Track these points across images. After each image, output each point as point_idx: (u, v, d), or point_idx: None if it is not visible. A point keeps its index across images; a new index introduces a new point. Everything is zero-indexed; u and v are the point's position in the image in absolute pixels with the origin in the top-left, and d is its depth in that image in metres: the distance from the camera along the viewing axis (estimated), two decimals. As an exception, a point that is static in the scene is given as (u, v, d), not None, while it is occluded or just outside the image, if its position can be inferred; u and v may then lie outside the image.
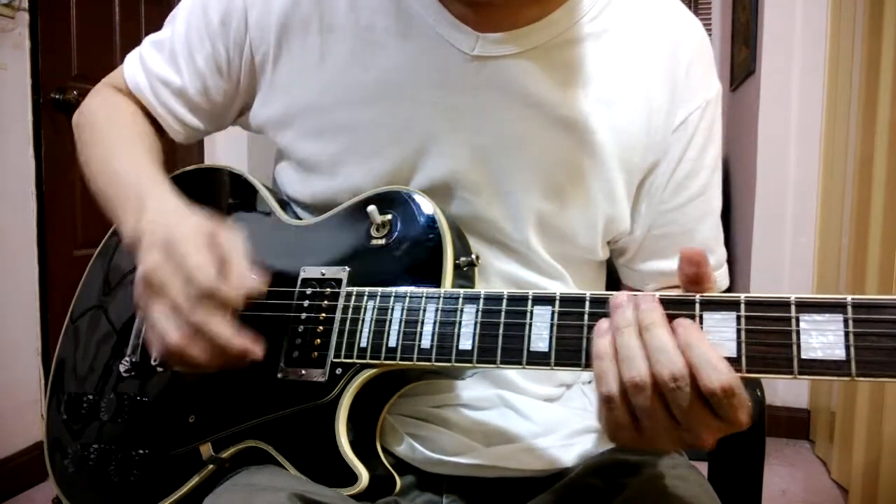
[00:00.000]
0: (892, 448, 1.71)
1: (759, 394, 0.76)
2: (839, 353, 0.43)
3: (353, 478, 0.58)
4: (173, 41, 0.74)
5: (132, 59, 0.77)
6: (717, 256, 0.74)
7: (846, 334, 0.43)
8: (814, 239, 2.33)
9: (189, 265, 0.55)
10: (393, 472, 0.63)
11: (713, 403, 0.44)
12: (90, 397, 0.72)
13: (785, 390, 2.40)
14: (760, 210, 2.42)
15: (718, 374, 0.44)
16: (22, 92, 1.95)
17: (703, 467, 0.72)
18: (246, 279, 0.56)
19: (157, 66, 0.75)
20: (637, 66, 0.66)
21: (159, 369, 0.69)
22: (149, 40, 0.76)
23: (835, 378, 0.43)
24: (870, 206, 1.83)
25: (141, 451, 0.67)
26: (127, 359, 0.71)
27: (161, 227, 0.58)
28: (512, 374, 0.69)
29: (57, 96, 2.04)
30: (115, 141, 0.73)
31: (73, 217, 2.13)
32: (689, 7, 0.73)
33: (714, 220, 0.72)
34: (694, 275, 0.48)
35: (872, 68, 1.86)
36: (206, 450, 0.63)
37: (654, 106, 0.67)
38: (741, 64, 2.72)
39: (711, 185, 0.71)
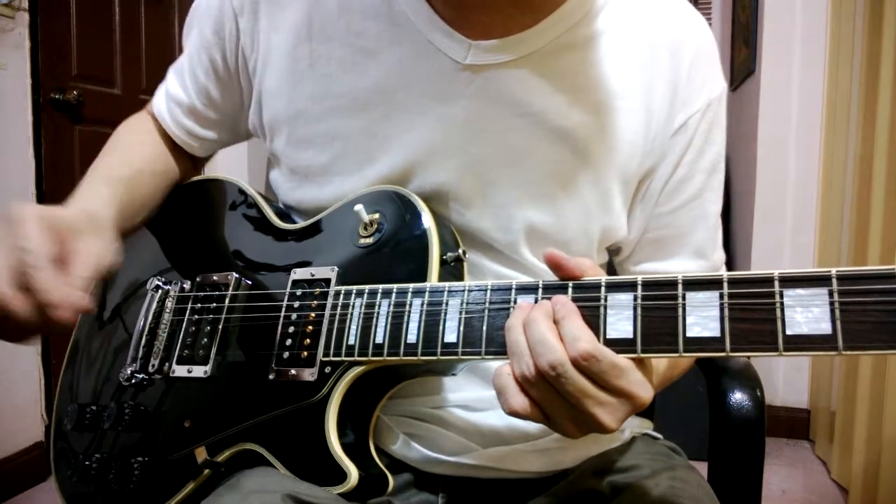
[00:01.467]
0: (892, 448, 1.70)
1: (758, 394, 0.76)
2: (825, 328, 0.42)
3: (342, 476, 0.58)
4: (182, 61, 0.77)
5: (161, 85, 0.81)
6: (711, 261, 0.71)
7: (832, 308, 0.42)
8: (814, 239, 2.33)
9: (21, 238, 0.53)
10: (386, 471, 0.62)
11: (583, 371, 0.46)
12: (93, 408, 0.73)
13: (785, 390, 2.41)
14: (760, 210, 2.42)
15: (576, 343, 0.46)
16: (22, 92, 1.95)
17: (703, 467, 0.72)
18: (74, 292, 0.53)
19: (172, 87, 0.78)
20: (636, 68, 0.64)
21: (157, 377, 0.69)
22: (173, 65, 0.80)
23: (821, 353, 0.42)
24: (870, 206, 1.83)
25: (139, 459, 0.67)
26: (127, 368, 0.71)
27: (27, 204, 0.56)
28: (509, 375, 0.69)
29: (57, 96, 2.04)
30: (114, 152, 0.76)
31: (72, 217, 2.13)
32: (689, 7, 0.71)
33: (709, 223, 0.70)
34: (566, 277, 0.52)
35: (872, 68, 1.86)
36: (201, 454, 0.64)
37: (654, 109, 0.65)
38: (741, 64, 2.72)
39: (707, 188, 0.69)
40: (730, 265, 0.76)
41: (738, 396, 0.75)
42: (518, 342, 0.49)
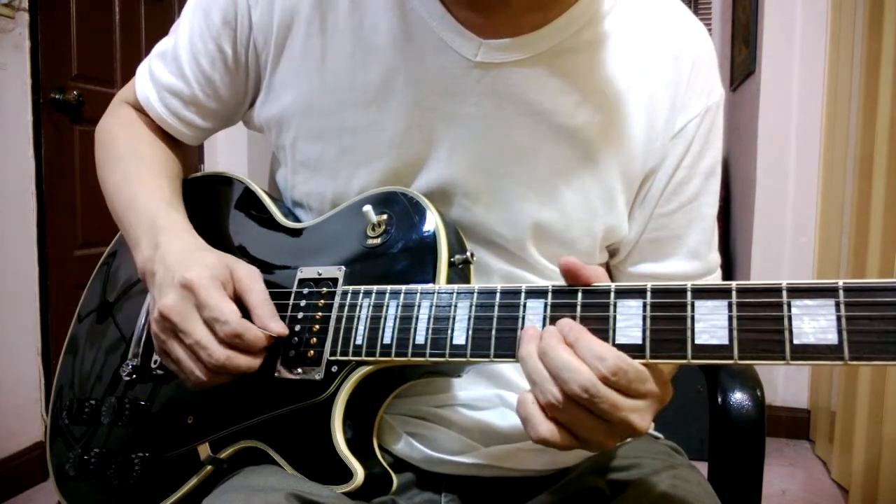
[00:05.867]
0: (892, 448, 1.71)
1: (758, 394, 0.76)
2: (831, 338, 0.43)
3: (348, 475, 0.58)
4: (177, 49, 0.73)
5: (142, 72, 0.78)
6: (707, 263, 0.73)
7: (838, 319, 0.43)
8: (814, 239, 2.33)
9: (213, 310, 0.58)
10: (390, 470, 0.63)
11: (613, 386, 0.46)
12: (92, 402, 0.72)
13: (785, 390, 2.41)
14: (760, 210, 2.42)
15: (604, 361, 0.47)
16: (22, 92, 1.95)
17: (703, 467, 0.72)
18: (270, 322, 0.60)
19: (164, 76, 0.75)
20: (640, 72, 0.66)
21: (159, 372, 0.69)
22: (155, 51, 0.77)
23: (828, 363, 0.43)
24: (870, 206, 1.83)
25: (140, 454, 0.67)
26: (128, 363, 0.71)
27: (176, 266, 0.61)
28: (511, 373, 0.69)
29: (57, 96, 2.04)
30: (133, 163, 0.74)
31: (73, 217, 2.13)
32: (689, 7, 0.72)
33: (704, 225, 0.71)
34: (578, 285, 0.52)
35: (872, 68, 1.86)
36: (204, 450, 0.64)
37: (656, 113, 0.66)
38: (741, 64, 2.72)
39: (704, 191, 0.70)
40: (730, 265, 0.77)
41: (738, 396, 0.75)
42: (537, 370, 0.49)
